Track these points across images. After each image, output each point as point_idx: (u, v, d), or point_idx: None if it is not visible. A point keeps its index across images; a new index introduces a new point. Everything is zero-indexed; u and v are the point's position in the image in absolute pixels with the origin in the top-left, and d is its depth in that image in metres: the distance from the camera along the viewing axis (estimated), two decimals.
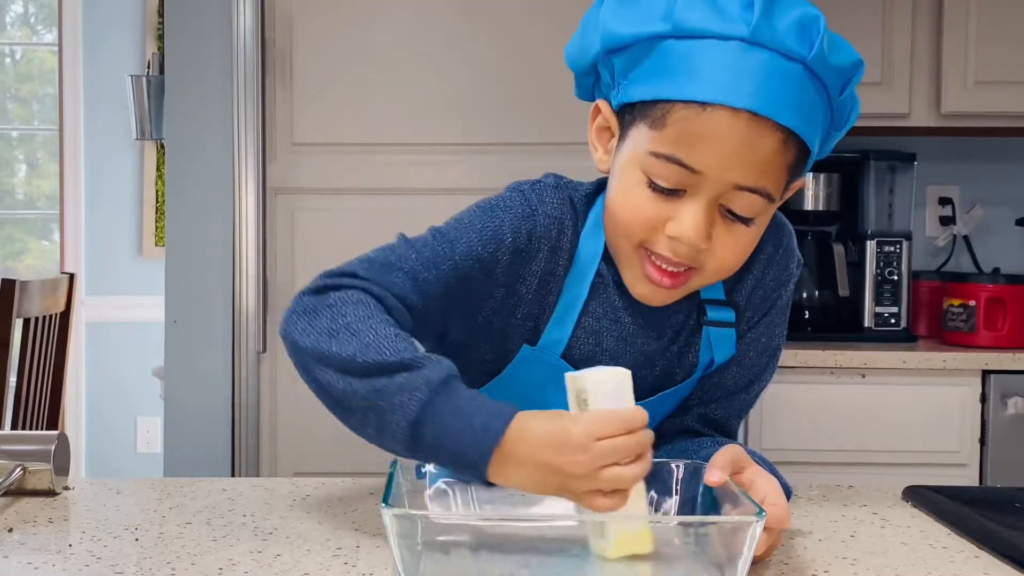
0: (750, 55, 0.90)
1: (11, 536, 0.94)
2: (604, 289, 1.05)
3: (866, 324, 2.51)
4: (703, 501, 0.93)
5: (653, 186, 0.95)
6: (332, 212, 2.21)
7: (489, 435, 0.84)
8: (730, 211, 0.95)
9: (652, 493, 0.96)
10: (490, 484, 0.87)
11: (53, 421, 2.98)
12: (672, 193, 0.94)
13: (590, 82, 1.04)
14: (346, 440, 2.28)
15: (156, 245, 3.92)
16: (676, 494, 0.95)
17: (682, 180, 0.93)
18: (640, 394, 1.07)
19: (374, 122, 2.23)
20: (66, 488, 1.10)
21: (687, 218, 0.94)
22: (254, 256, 2.18)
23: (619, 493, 0.83)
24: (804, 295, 2.58)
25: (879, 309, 2.51)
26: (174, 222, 2.21)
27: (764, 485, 0.90)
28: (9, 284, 2.65)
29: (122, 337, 3.96)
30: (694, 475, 0.94)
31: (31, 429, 2.82)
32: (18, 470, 1.05)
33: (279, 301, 2.19)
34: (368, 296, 0.96)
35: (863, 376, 2.28)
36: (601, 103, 1.02)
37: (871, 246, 2.51)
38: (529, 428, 0.84)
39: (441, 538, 0.86)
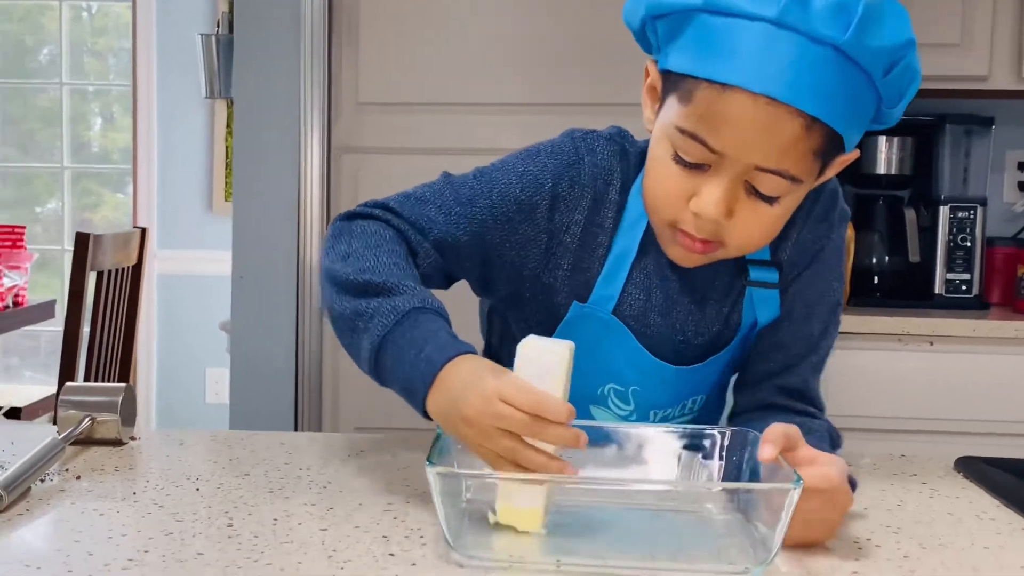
0: (777, 38, 0.88)
1: (79, 483, 0.98)
2: (653, 245, 1.05)
3: (936, 291, 2.47)
4: (748, 468, 0.93)
5: (678, 159, 0.95)
6: (396, 172, 2.23)
7: (430, 366, 0.89)
8: (755, 189, 0.95)
9: (699, 457, 0.96)
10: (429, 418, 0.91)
11: (125, 371, 3.07)
12: (696, 168, 0.95)
13: (644, 42, 1.04)
14: None
15: (226, 200, 4.00)
16: (720, 459, 0.96)
17: (704, 157, 0.94)
18: (691, 358, 1.08)
19: (438, 82, 2.24)
20: (132, 438, 1.14)
21: (708, 194, 0.94)
22: (318, 214, 2.22)
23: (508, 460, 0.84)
24: (874, 260, 2.54)
25: (951, 276, 2.46)
26: (241, 180, 2.25)
27: (818, 455, 0.89)
28: (83, 237, 2.74)
29: (192, 290, 4.06)
30: (741, 443, 0.95)
31: (103, 378, 2.91)
32: (86, 420, 1.09)
33: None
34: (388, 228, 1.02)
35: (931, 344, 2.24)
36: (650, 64, 1.02)
37: (944, 211, 2.45)
38: (463, 366, 0.88)
39: (485, 496, 0.88)
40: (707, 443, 0.97)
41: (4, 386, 4.21)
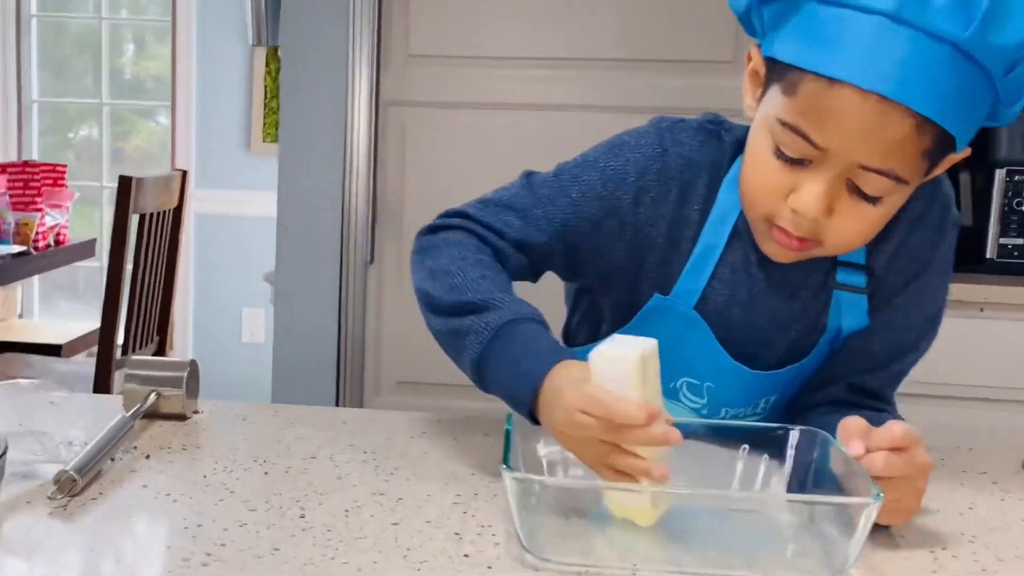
0: (892, 33, 0.84)
1: (148, 462, 0.98)
2: (741, 240, 1.03)
3: (988, 256, 2.42)
4: (817, 468, 0.92)
5: (779, 154, 0.93)
6: (444, 126, 2.20)
7: (530, 382, 0.90)
8: (857, 188, 0.91)
9: (765, 456, 0.95)
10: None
11: (165, 312, 3.10)
12: (797, 163, 0.92)
13: (748, 25, 1.01)
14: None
15: (264, 141, 3.98)
16: (791, 459, 0.94)
17: (806, 152, 0.91)
18: (771, 361, 1.06)
19: (491, 35, 2.20)
20: (196, 411, 1.14)
21: (808, 191, 0.91)
22: (364, 168, 2.20)
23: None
24: None
25: (1004, 240, 2.41)
26: (287, 132, 2.23)
27: (905, 426, 0.87)
28: (126, 181, 2.74)
29: (229, 231, 4.06)
30: (809, 443, 0.94)
31: (144, 319, 2.93)
32: (152, 395, 1.10)
33: (388, 213, 2.21)
34: (470, 237, 1.03)
35: (981, 310, 2.21)
36: (754, 49, 0.98)
37: (1000, 175, 2.40)
38: (557, 377, 0.89)
39: (559, 500, 0.87)
40: (775, 442, 0.96)
41: (42, 321, 4.26)
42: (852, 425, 0.88)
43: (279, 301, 2.28)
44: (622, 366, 0.84)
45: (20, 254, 3.05)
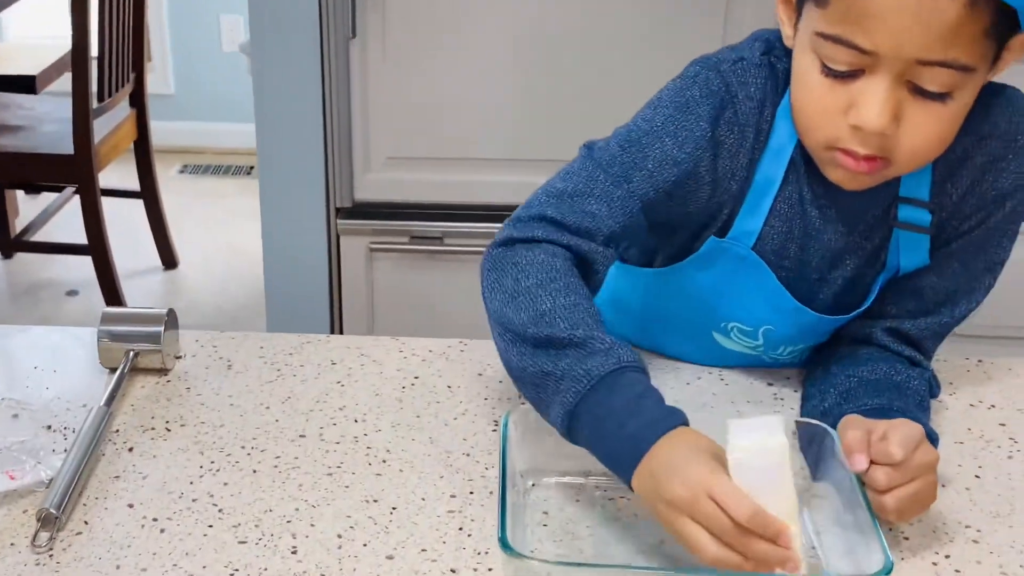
0: None
1: (131, 460, 0.95)
2: (797, 173, 0.95)
3: None
4: (819, 466, 0.89)
5: (826, 71, 0.84)
6: None
7: (636, 446, 0.79)
8: (920, 88, 0.82)
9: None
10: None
11: (138, 48, 2.92)
12: (849, 76, 0.83)
13: None
14: (440, 123, 2.18)
15: None
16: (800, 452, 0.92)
17: (856, 61, 0.82)
18: (827, 300, 1.01)
19: None
20: (177, 357, 1.09)
21: (867, 102, 0.83)
22: None
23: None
24: None
25: None
26: None
27: (902, 432, 0.84)
28: None
29: None
30: (811, 440, 0.90)
31: (117, 62, 2.76)
32: (130, 355, 1.04)
33: None
34: (558, 252, 0.91)
35: None
36: None
37: None
38: (674, 443, 0.79)
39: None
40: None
41: (8, 44, 4.01)
42: (851, 439, 0.84)
43: (257, 78, 2.12)
44: (771, 458, 0.76)
45: None
